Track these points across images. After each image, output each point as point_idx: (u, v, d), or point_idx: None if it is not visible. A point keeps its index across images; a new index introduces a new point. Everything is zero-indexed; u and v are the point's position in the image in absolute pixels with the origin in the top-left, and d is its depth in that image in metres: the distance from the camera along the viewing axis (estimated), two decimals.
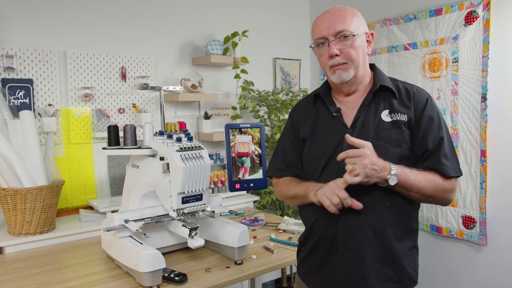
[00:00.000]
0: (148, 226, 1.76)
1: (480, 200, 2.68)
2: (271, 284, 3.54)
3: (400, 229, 1.29)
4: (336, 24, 1.28)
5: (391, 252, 1.27)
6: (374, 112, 1.31)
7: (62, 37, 2.56)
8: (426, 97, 1.31)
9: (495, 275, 2.67)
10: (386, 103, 1.32)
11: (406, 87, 1.34)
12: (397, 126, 1.28)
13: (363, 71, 1.34)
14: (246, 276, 1.66)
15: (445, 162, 1.24)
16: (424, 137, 1.27)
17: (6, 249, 2.01)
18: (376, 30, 3.22)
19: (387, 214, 1.26)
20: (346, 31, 1.27)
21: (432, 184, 1.22)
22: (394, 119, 1.29)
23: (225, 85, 3.32)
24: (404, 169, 1.20)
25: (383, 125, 1.29)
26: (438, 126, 1.27)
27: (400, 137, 1.27)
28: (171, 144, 1.67)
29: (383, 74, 1.39)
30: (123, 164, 2.74)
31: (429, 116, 1.28)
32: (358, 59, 1.30)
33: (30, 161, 2.10)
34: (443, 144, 1.25)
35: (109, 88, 2.71)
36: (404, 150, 1.27)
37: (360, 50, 1.30)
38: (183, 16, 3.07)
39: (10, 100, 2.34)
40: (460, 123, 2.75)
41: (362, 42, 1.31)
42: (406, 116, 1.28)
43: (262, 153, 1.86)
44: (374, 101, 1.33)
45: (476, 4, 2.61)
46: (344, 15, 1.29)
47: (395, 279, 1.28)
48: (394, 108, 1.30)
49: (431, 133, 1.27)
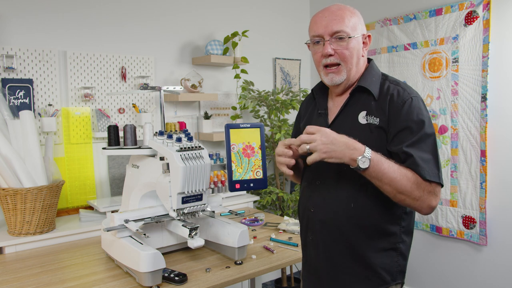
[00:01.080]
0: (148, 226, 1.76)
1: (480, 200, 2.68)
2: (271, 284, 3.54)
3: (369, 231, 1.29)
4: (334, 24, 1.27)
5: (355, 250, 1.30)
6: (352, 113, 1.32)
7: (62, 37, 2.56)
8: (404, 100, 1.24)
9: (495, 275, 2.67)
10: (366, 105, 1.30)
11: (389, 88, 1.29)
12: (369, 129, 1.27)
13: (356, 72, 1.33)
14: (246, 276, 1.66)
15: (422, 165, 1.18)
16: (397, 140, 1.23)
17: (6, 249, 2.01)
18: (376, 30, 3.22)
19: (353, 215, 1.28)
20: (342, 32, 1.27)
21: (408, 178, 1.17)
22: (368, 121, 1.28)
23: (225, 85, 3.32)
24: (378, 155, 1.17)
25: (357, 126, 1.29)
26: (414, 130, 1.21)
27: (370, 140, 1.25)
28: (171, 144, 1.67)
29: (374, 72, 1.35)
30: (123, 164, 2.74)
31: (404, 120, 1.22)
32: (351, 61, 1.30)
33: (30, 161, 2.10)
34: (420, 148, 1.20)
35: (109, 88, 2.71)
36: None
37: (354, 52, 1.29)
38: (183, 16, 3.07)
39: (10, 100, 2.35)
40: (460, 123, 2.75)
41: (358, 44, 1.30)
42: (378, 120, 1.26)
43: (262, 153, 1.86)
44: (354, 102, 1.33)
45: (476, 4, 2.61)
46: (342, 15, 1.28)
47: (360, 275, 1.30)
48: (371, 111, 1.29)
49: (405, 137, 1.22)
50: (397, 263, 1.31)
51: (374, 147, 1.22)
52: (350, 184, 1.29)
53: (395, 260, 1.31)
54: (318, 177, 1.37)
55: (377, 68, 1.38)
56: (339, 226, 1.31)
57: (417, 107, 1.24)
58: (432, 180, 1.18)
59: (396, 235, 1.30)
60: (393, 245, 1.30)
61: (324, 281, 1.37)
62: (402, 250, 1.32)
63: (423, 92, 2.95)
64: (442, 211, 2.89)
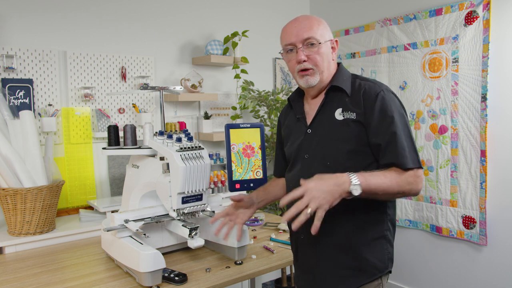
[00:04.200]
0: (148, 226, 1.76)
1: (480, 200, 2.68)
2: (271, 284, 3.54)
3: (359, 221, 1.34)
4: (304, 32, 1.37)
5: (347, 242, 1.34)
6: (328, 112, 1.40)
7: (62, 37, 2.56)
8: (376, 93, 1.33)
9: (495, 275, 2.67)
10: (340, 102, 1.38)
11: (360, 84, 1.38)
12: (347, 124, 1.34)
13: (328, 75, 1.42)
14: (246, 276, 1.66)
15: (403, 154, 1.26)
16: (375, 132, 1.30)
17: (6, 249, 2.01)
18: (376, 30, 3.22)
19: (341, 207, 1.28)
20: (312, 39, 1.37)
21: (396, 181, 1.24)
22: (345, 117, 1.35)
23: (225, 85, 3.32)
24: (364, 175, 1.21)
25: (335, 123, 1.37)
26: (389, 121, 1.29)
27: (350, 134, 1.33)
28: (171, 144, 1.67)
29: (343, 72, 1.44)
30: (123, 164, 2.74)
31: (378, 111, 1.30)
32: (323, 65, 1.39)
33: (30, 161, 2.10)
34: (397, 138, 1.27)
35: (109, 88, 2.71)
36: (354, 146, 1.33)
37: (325, 57, 1.39)
38: (183, 16, 3.07)
39: (10, 100, 2.34)
40: (460, 123, 2.75)
41: (327, 49, 1.40)
42: (354, 114, 1.34)
43: (262, 153, 1.86)
44: (330, 101, 1.41)
45: (476, 4, 2.61)
46: (310, 24, 1.39)
47: (355, 268, 1.35)
48: (346, 107, 1.36)
49: (381, 128, 1.29)
50: (387, 250, 1.38)
51: (353, 139, 1.32)
52: None
53: (385, 248, 1.37)
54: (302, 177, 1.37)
55: (346, 70, 1.48)
56: (330, 221, 1.31)
57: (388, 99, 1.32)
58: (412, 167, 1.26)
59: (384, 223, 1.37)
60: (382, 233, 1.36)
61: (319, 278, 1.39)
62: (389, 238, 1.39)
63: (423, 92, 2.95)
64: (442, 211, 2.89)
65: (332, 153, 1.35)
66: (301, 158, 1.44)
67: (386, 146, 1.28)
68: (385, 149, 1.29)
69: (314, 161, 1.39)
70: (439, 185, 2.90)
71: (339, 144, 1.35)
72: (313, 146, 1.41)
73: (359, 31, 3.34)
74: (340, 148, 1.34)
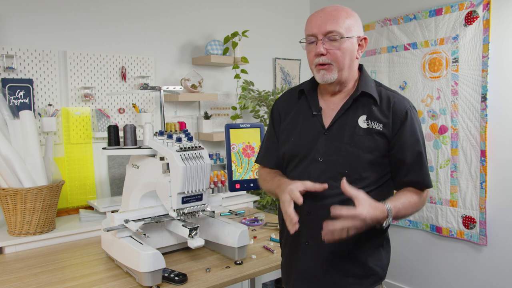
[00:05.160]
0: (148, 226, 1.76)
1: (480, 200, 2.68)
2: (271, 284, 3.54)
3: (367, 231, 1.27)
4: (328, 23, 1.26)
5: (353, 251, 1.32)
6: (352, 117, 1.32)
7: (62, 37, 2.56)
8: (406, 109, 1.30)
9: (495, 275, 2.67)
10: (366, 109, 1.32)
11: (388, 96, 1.33)
12: (370, 134, 1.29)
13: (348, 74, 1.33)
14: (246, 276, 1.66)
15: (426, 173, 1.32)
16: (401, 149, 1.29)
17: (6, 249, 2.01)
18: (376, 30, 3.22)
19: None
20: (335, 32, 1.26)
21: (415, 206, 1.29)
22: (370, 126, 1.29)
23: (225, 85, 3.32)
24: (396, 205, 1.23)
25: (358, 131, 1.29)
26: (416, 139, 1.30)
27: (372, 144, 1.28)
28: (171, 144, 1.67)
29: (369, 78, 1.38)
30: (123, 164, 2.74)
31: (407, 130, 1.29)
32: (343, 62, 1.29)
33: (30, 161, 2.10)
34: (422, 158, 1.30)
35: (109, 88, 2.71)
36: (376, 157, 1.29)
37: (347, 53, 1.28)
38: (183, 16, 3.07)
39: (10, 100, 2.34)
40: (460, 123, 2.75)
41: (352, 45, 1.29)
42: (381, 126, 1.29)
43: None
44: (354, 106, 1.33)
45: (476, 4, 2.61)
46: (337, 15, 1.27)
47: (359, 275, 1.33)
48: (372, 115, 1.30)
49: (409, 146, 1.29)
50: (386, 258, 1.38)
51: (373, 150, 1.28)
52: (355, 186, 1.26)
53: (384, 256, 1.37)
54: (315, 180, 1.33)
55: (368, 74, 1.41)
56: None
57: (415, 118, 1.33)
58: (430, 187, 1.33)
59: (382, 232, 1.36)
60: (382, 241, 1.36)
61: (322, 285, 1.34)
62: (388, 245, 1.40)
63: (423, 92, 2.95)
64: (442, 211, 2.89)
65: (351, 161, 1.28)
66: (313, 160, 1.32)
67: (412, 164, 1.30)
68: (410, 168, 1.30)
69: (330, 166, 1.30)
70: (439, 185, 2.90)
71: (361, 153, 1.28)
72: (330, 150, 1.30)
73: None
74: (361, 158, 1.28)
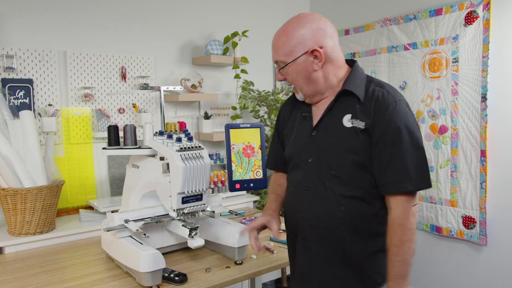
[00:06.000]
0: (148, 226, 1.76)
1: (480, 200, 2.68)
2: (271, 284, 3.54)
3: (360, 234, 1.28)
4: (273, 54, 1.31)
5: (346, 255, 1.29)
6: (337, 116, 1.29)
7: (62, 37, 2.56)
8: (388, 104, 1.22)
9: (495, 275, 2.67)
10: (350, 108, 1.28)
11: (374, 90, 1.26)
12: (355, 133, 1.25)
13: (314, 88, 1.31)
14: (246, 276, 1.66)
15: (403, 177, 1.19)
16: (379, 147, 1.22)
17: (6, 249, 2.01)
18: (376, 30, 3.22)
19: (343, 219, 1.27)
20: (279, 62, 1.29)
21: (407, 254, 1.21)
22: (354, 125, 1.25)
23: (225, 85, 3.32)
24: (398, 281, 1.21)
25: (342, 130, 1.27)
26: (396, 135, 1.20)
27: (356, 144, 1.24)
28: (171, 144, 1.67)
29: (358, 75, 1.32)
30: (123, 164, 2.74)
31: (387, 124, 1.21)
32: (298, 82, 1.30)
33: (30, 161, 2.10)
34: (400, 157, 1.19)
35: (109, 88, 2.71)
36: (360, 156, 1.24)
37: (298, 75, 1.29)
38: (183, 16, 3.07)
39: (10, 100, 2.34)
40: (460, 123, 2.75)
41: (300, 66, 1.27)
42: (363, 124, 1.24)
43: (262, 153, 1.86)
44: (339, 105, 1.30)
45: (476, 4, 2.61)
46: (277, 44, 1.29)
47: (353, 279, 1.30)
48: (356, 114, 1.26)
49: (387, 144, 1.21)
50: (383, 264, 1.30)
51: (359, 150, 1.24)
52: (338, 188, 1.28)
53: (385, 261, 1.29)
54: (305, 182, 1.35)
55: (361, 70, 1.35)
56: (331, 231, 1.29)
57: (401, 111, 1.22)
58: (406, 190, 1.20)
59: (384, 236, 1.28)
60: (382, 247, 1.28)
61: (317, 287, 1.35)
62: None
63: (423, 92, 2.95)
64: (442, 211, 2.89)
65: (337, 162, 1.27)
66: (304, 161, 1.34)
67: (387, 163, 1.20)
68: (385, 167, 1.21)
69: (319, 167, 1.30)
70: (439, 185, 2.90)
71: (345, 153, 1.26)
72: (318, 150, 1.31)
73: (359, 31, 3.34)
74: (345, 158, 1.25)
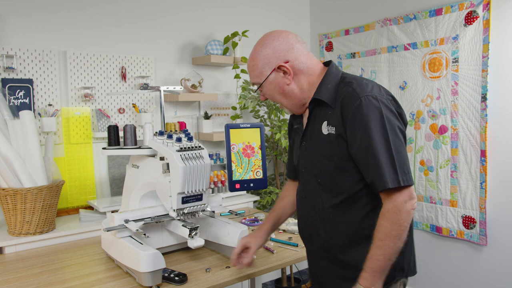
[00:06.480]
0: (148, 226, 1.76)
1: (480, 200, 2.68)
2: (271, 284, 3.54)
3: (352, 236, 1.28)
4: (250, 77, 1.39)
5: (343, 256, 1.30)
6: (318, 124, 1.30)
7: (62, 37, 2.56)
8: (352, 105, 1.17)
9: (495, 275, 2.67)
10: (325, 115, 1.27)
11: (342, 92, 1.23)
12: (329, 139, 1.24)
13: (293, 100, 1.34)
14: (246, 276, 1.66)
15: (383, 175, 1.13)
16: (353, 147, 1.18)
17: (6, 249, 2.01)
18: (376, 30, 3.22)
19: (332, 226, 1.30)
20: (255, 84, 1.36)
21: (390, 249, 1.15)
22: (329, 131, 1.24)
23: (225, 85, 3.32)
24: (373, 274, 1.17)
25: (321, 138, 1.28)
26: (366, 133, 1.14)
27: (330, 150, 1.24)
28: (171, 144, 1.67)
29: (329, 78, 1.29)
30: (123, 164, 2.74)
31: (355, 123, 1.16)
32: (277, 99, 1.36)
33: (30, 161, 2.10)
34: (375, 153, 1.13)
35: (109, 88, 2.71)
36: (338, 162, 1.23)
37: (274, 91, 1.34)
38: (183, 16, 3.07)
39: (10, 100, 2.34)
40: (460, 123, 2.75)
41: (272, 83, 1.32)
42: (334, 129, 1.22)
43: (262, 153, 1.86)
44: (317, 113, 1.31)
45: (476, 4, 2.61)
46: (248, 68, 1.38)
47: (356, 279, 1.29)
48: (329, 120, 1.25)
49: (360, 142, 1.16)
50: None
51: (334, 156, 1.23)
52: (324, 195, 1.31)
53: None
54: (303, 191, 1.42)
55: (336, 71, 1.31)
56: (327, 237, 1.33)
57: (367, 108, 1.16)
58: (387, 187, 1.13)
59: None
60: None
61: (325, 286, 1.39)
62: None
63: (423, 92, 2.95)
64: (442, 211, 2.89)
65: (320, 170, 1.29)
66: (301, 172, 1.40)
67: (367, 163, 1.16)
68: (366, 167, 1.17)
69: (309, 176, 1.35)
70: (439, 185, 2.90)
71: (324, 160, 1.26)
72: (307, 160, 1.35)
73: (359, 31, 3.34)
74: (324, 165, 1.27)
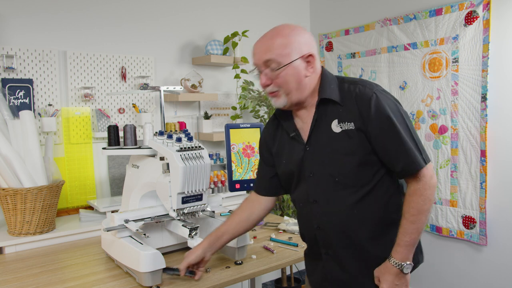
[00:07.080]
0: (148, 226, 1.76)
1: (480, 200, 2.68)
2: (271, 284, 3.54)
3: (375, 230, 1.30)
4: (264, 53, 1.27)
5: (369, 253, 1.30)
6: (325, 124, 1.30)
7: (62, 37, 2.56)
8: (369, 96, 1.24)
9: (495, 275, 2.67)
10: (334, 113, 1.29)
11: (350, 90, 1.28)
12: (347, 135, 1.26)
13: (300, 94, 1.30)
14: (246, 276, 1.66)
15: (415, 157, 1.21)
16: (378, 139, 1.23)
17: (6, 249, 2.01)
18: (376, 30, 3.22)
19: (358, 221, 1.29)
20: (272, 62, 1.26)
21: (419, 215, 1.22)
22: (343, 128, 1.27)
23: (225, 85, 3.32)
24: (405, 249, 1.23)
25: (334, 136, 1.28)
26: (389, 123, 1.22)
27: (351, 145, 1.25)
28: (171, 144, 1.67)
29: (328, 80, 1.33)
30: (123, 164, 2.74)
31: (377, 116, 1.22)
32: (288, 87, 1.28)
33: (30, 161, 2.10)
34: (403, 140, 1.21)
35: (109, 88, 2.71)
36: (361, 157, 1.25)
37: (291, 79, 1.27)
38: (183, 16, 3.07)
39: (10, 100, 2.34)
40: (460, 123, 2.75)
41: (294, 69, 1.26)
42: (353, 124, 1.25)
43: None
44: (323, 113, 1.31)
45: (476, 4, 2.61)
46: (272, 44, 1.26)
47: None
48: (342, 117, 1.27)
49: (385, 133, 1.22)
50: None
51: (356, 151, 1.25)
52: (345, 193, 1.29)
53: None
54: (311, 196, 1.36)
55: (330, 74, 1.36)
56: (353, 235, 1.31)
57: (385, 101, 1.24)
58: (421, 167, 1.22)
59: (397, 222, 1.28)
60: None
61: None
62: None
63: (423, 92, 2.95)
64: (442, 211, 2.89)
65: (338, 168, 1.28)
66: (305, 177, 1.35)
67: (396, 151, 1.22)
68: (395, 156, 1.22)
69: (321, 178, 1.32)
70: (439, 185, 2.90)
71: (344, 158, 1.27)
72: (316, 163, 1.32)
73: (359, 31, 3.34)
74: (347, 162, 1.27)
